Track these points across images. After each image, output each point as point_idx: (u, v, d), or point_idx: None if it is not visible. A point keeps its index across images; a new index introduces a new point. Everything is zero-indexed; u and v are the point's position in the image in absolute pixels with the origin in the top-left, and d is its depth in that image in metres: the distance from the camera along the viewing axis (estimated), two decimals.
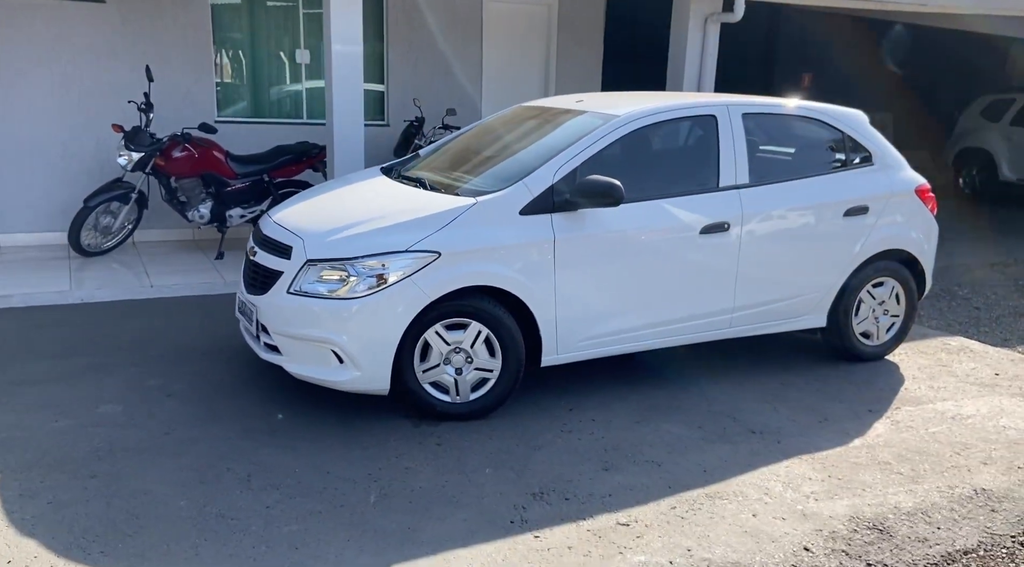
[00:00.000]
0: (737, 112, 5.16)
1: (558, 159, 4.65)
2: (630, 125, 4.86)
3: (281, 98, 8.88)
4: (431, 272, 4.25)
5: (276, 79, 8.83)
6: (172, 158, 7.31)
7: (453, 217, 4.39)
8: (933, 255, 5.82)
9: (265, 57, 8.72)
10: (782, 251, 5.18)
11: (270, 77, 8.80)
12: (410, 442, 4.23)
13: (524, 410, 4.68)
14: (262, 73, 8.74)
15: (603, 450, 4.24)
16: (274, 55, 8.75)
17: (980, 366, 5.70)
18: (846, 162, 5.48)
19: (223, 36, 8.47)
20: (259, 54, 8.70)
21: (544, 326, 4.59)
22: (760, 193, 5.11)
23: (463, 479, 3.86)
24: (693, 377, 5.29)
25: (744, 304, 5.17)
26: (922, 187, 5.66)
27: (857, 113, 5.64)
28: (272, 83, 8.83)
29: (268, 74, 8.79)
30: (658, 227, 4.81)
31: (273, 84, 8.83)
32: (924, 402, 5.02)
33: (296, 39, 8.74)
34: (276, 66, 8.78)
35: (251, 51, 8.68)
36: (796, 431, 4.55)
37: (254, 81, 8.75)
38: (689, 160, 5.18)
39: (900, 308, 5.72)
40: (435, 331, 4.38)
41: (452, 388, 4.48)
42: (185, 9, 8.11)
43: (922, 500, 3.85)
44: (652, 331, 4.94)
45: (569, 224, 4.56)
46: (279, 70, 8.78)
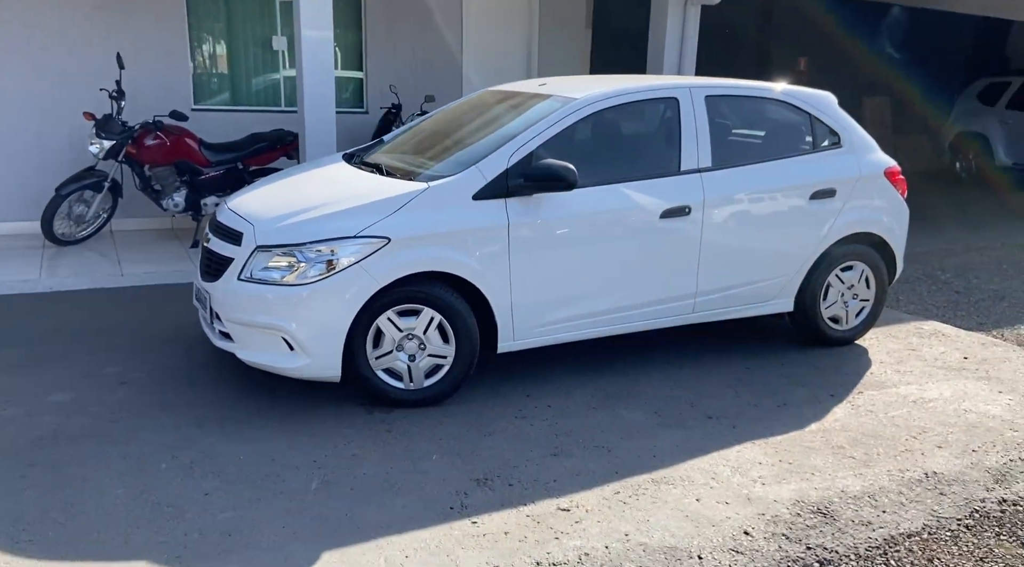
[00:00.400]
0: (700, 94, 5.10)
1: (513, 143, 4.60)
2: (588, 108, 4.81)
3: (258, 85, 8.84)
4: (381, 258, 4.21)
5: (253, 66, 8.79)
6: (144, 146, 7.29)
7: (404, 202, 4.35)
8: (904, 238, 5.76)
9: (242, 44, 8.68)
10: (746, 235, 5.13)
11: (247, 64, 8.76)
12: (360, 429, 4.20)
13: (480, 396, 4.65)
14: (239, 60, 8.70)
15: (555, 436, 4.20)
16: (251, 42, 8.71)
17: (949, 350, 5.65)
18: (814, 145, 5.42)
19: (199, 23, 8.42)
20: (235, 41, 8.65)
21: (499, 312, 4.55)
22: (723, 177, 5.06)
23: (409, 466, 3.84)
24: (658, 362, 5.25)
25: (708, 289, 5.12)
26: (891, 169, 5.59)
27: (826, 95, 5.57)
28: (249, 70, 8.79)
29: (245, 61, 8.74)
30: (617, 211, 4.76)
31: (250, 71, 8.79)
32: (888, 386, 4.98)
33: (272, 26, 8.68)
34: (253, 53, 8.73)
35: (227, 38, 8.63)
36: (754, 416, 4.51)
37: (231, 68, 8.70)
38: (650, 143, 5.12)
39: (870, 292, 5.67)
40: (387, 317, 4.35)
41: (405, 375, 4.45)
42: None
43: (871, 484, 3.81)
44: (612, 317, 4.90)
45: (525, 209, 4.52)
46: (256, 57, 8.74)
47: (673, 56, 8.27)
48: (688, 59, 8.31)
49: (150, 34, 8.08)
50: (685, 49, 8.28)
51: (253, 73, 8.79)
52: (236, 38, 8.64)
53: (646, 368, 5.17)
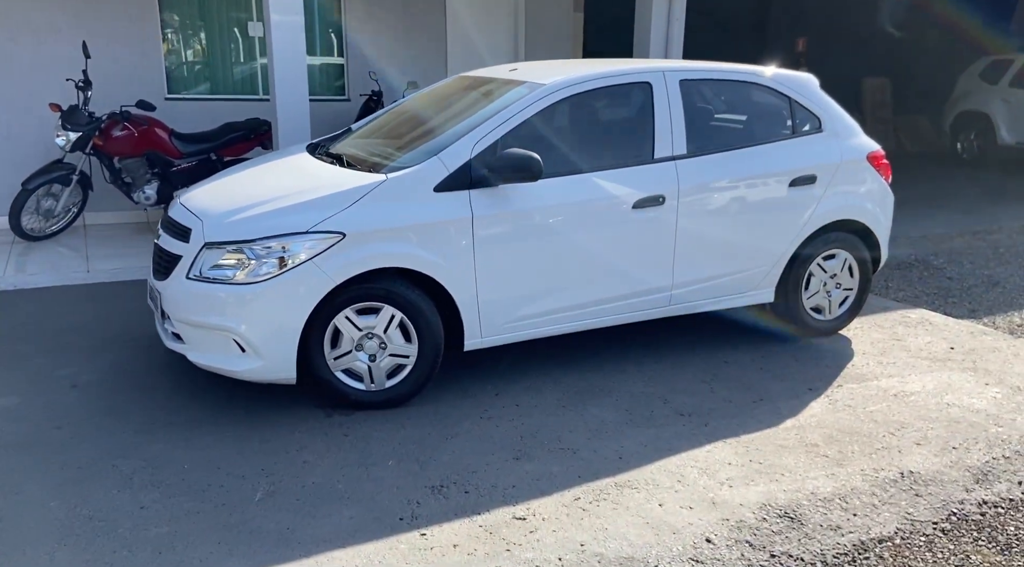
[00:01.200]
0: (674, 78, 4.90)
1: (477, 132, 4.42)
2: (556, 94, 4.62)
3: (235, 73, 8.65)
4: (335, 254, 4.04)
5: (229, 54, 8.59)
6: (112, 138, 7.12)
7: (361, 195, 4.17)
8: (888, 225, 5.56)
9: (217, 30, 8.48)
10: (723, 225, 4.94)
11: (223, 52, 8.57)
12: (316, 434, 4.04)
13: (446, 396, 4.49)
14: (214, 48, 8.51)
15: (519, 437, 4.04)
16: (226, 28, 8.51)
17: (936, 340, 5.46)
18: (794, 129, 5.22)
19: (171, 8, 8.23)
20: (211, 27, 8.46)
21: (464, 308, 4.38)
22: (698, 164, 4.86)
23: (362, 473, 3.68)
24: (633, 356, 5.08)
25: (684, 281, 4.94)
26: (874, 153, 5.39)
27: (807, 77, 5.36)
28: (226, 58, 8.59)
29: (221, 49, 8.55)
30: (587, 202, 4.57)
31: (226, 59, 8.60)
32: (868, 379, 4.79)
33: (249, 11, 8.48)
34: (229, 40, 8.54)
35: (202, 24, 8.44)
36: (727, 413, 4.33)
37: (206, 56, 8.51)
38: (622, 130, 4.92)
39: (853, 281, 5.48)
40: (345, 316, 4.18)
41: (366, 375, 4.29)
42: None
43: (842, 485, 3.63)
44: (585, 311, 4.73)
45: (490, 201, 4.34)
46: (232, 44, 8.54)
47: (659, 39, 8.05)
48: (675, 41, 8.09)
49: (120, 21, 7.89)
50: (672, 31, 8.05)
51: (230, 61, 8.60)
52: (211, 24, 8.44)
53: (622, 362, 4.99)
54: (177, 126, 7.90)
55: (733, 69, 5.13)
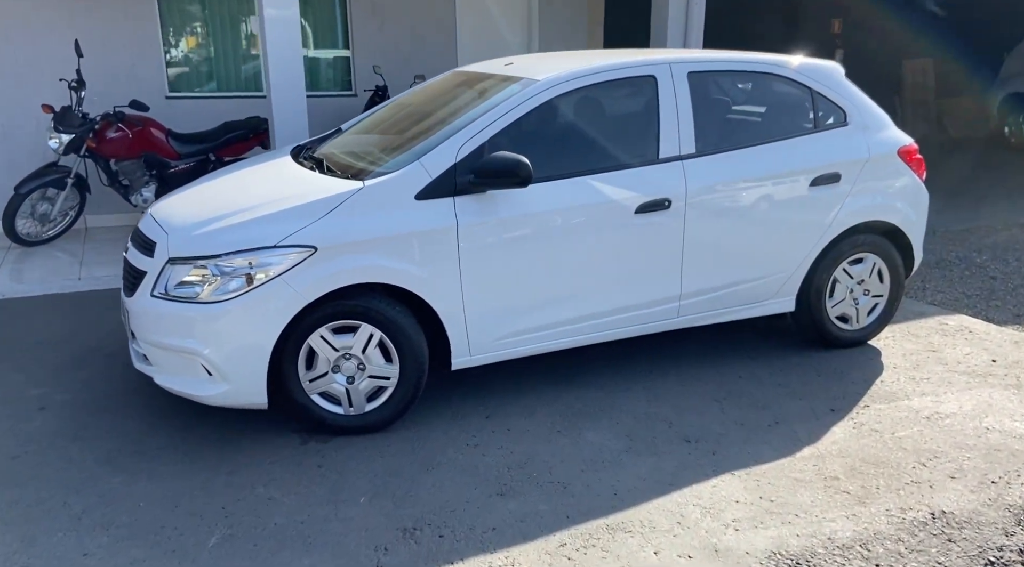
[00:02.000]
0: (682, 71, 4.51)
1: (462, 134, 4.07)
2: (550, 91, 4.25)
3: (238, 70, 8.36)
4: (306, 269, 3.72)
5: (232, 50, 8.31)
6: (106, 140, 6.88)
7: (335, 205, 3.85)
8: (923, 225, 5.11)
9: (219, 27, 8.21)
10: (736, 229, 4.55)
11: (225, 48, 8.29)
12: (288, 464, 3.74)
13: (434, 419, 4.17)
14: (216, 44, 8.23)
15: (507, 469, 3.70)
16: (228, 25, 8.23)
17: (976, 351, 5.01)
18: (816, 123, 4.79)
19: (171, 5, 7.96)
20: (212, 23, 8.18)
21: (450, 325, 4.05)
22: (708, 164, 4.47)
23: (330, 512, 3.36)
24: (640, 370, 4.71)
25: (694, 291, 4.55)
26: (906, 148, 4.94)
27: (830, 66, 4.92)
28: (228, 55, 8.32)
29: (223, 45, 8.27)
30: (584, 207, 4.20)
31: (228, 56, 8.32)
32: (899, 398, 4.37)
33: (251, 5, 8.19)
34: (231, 36, 8.25)
35: (203, 20, 8.16)
36: (739, 438, 3.95)
37: (208, 53, 8.24)
38: (624, 129, 4.53)
39: (884, 287, 5.05)
40: (320, 335, 3.87)
41: (344, 399, 3.98)
42: None
43: (864, 528, 3.24)
44: (584, 325, 4.37)
45: (477, 208, 3.99)
46: (234, 41, 8.26)
47: (678, 24, 7.61)
48: (695, 26, 7.64)
49: (118, 19, 7.64)
50: (692, 15, 7.60)
51: (232, 58, 8.32)
52: (212, 20, 8.17)
53: (626, 378, 4.63)
54: (178, 125, 7.67)
55: (748, 59, 4.71)
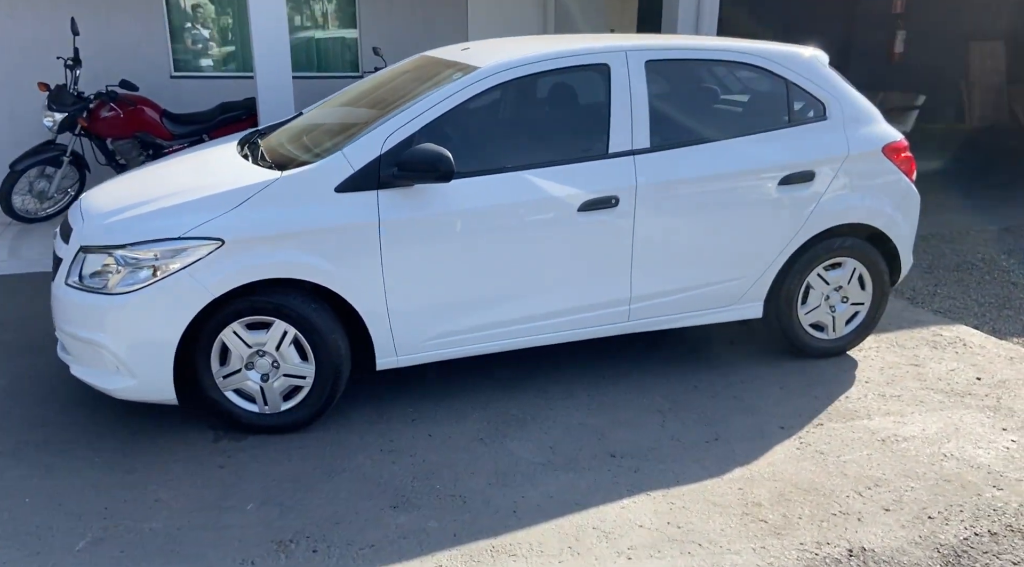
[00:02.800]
0: (639, 59, 4.22)
1: (391, 124, 3.88)
2: (489, 80, 4.01)
3: (243, 50, 8.29)
4: (212, 263, 3.59)
5: (237, 30, 8.23)
6: (99, 119, 6.88)
7: (248, 196, 3.70)
8: (912, 230, 4.73)
9: (224, 6, 8.13)
10: (693, 230, 4.26)
11: (233, 27, 8.21)
12: (191, 463, 3.63)
13: (358, 419, 4.02)
14: (221, 24, 8.16)
15: (412, 479, 3.52)
16: (234, 4, 8.15)
17: (963, 367, 4.63)
18: (790, 117, 4.45)
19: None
20: (218, 3, 8.12)
21: (373, 324, 3.88)
22: (662, 159, 4.18)
23: (212, 518, 3.23)
24: (589, 377, 4.48)
25: (645, 294, 4.29)
26: (893, 144, 4.56)
27: (810, 54, 4.56)
28: (234, 33, 8.24)
29: (228, 25, 8.20)
30: (521, 204, 3.97)
31: (236, 34, 8.24)
32: (858, 417, 4.05)
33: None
34: (237, 16, 8.17)
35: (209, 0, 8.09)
36: (669, 454, 3.70)
37: (213, 33, 8.18)
38: (572, 121, 4.27)
39: (865, 294, 4.69)
40: (232, 331, 3.74)
41: (259, 397, 3.85)
42: None
43: (770, 562, 2.98)
44: (524, 327, 4.15)
45: (403, 203, 3.80)
46: (240, 20, 8.18)
47: (689, 7, 7.22)
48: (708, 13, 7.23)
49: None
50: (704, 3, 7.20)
51: (237, 38, 8.25)
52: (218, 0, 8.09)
53: (573, 382, 4.40)
54: (182, 105, 7.64)
55: (715, 46, 4.39)
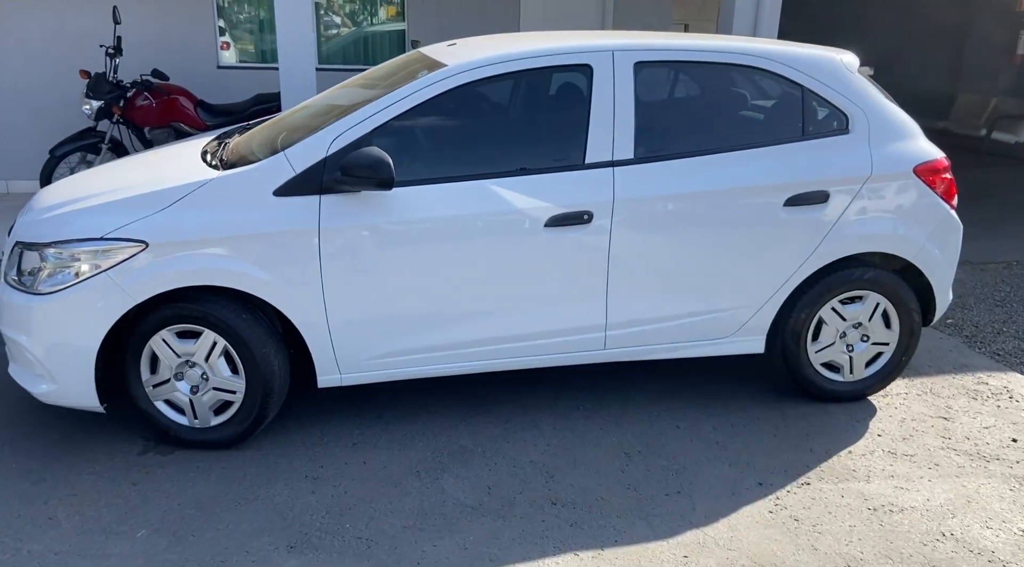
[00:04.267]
0: (627, 60, 3.78)
1: (341, 124, 3.59)
2: (455, 79, 3.67)
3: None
4: (136, 267, 3.38)
5: None
6: (135, 107, 6.86)
7: (178, 197, 3.47)
8: (949, 262, 4.12)
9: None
10: (679, 252, 3.80)
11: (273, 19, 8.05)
12: (105, 477, 3.44)
13: (300, 439, 3.76)
14: (266, 15, 8.05)
15: (324, 513, 3.22)
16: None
17: (1001, 425, 3.99)
18: (804, 129, 3.92)
19: None
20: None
21: (312, 338, 3.60)
22: (647, 172, 3.74)
23: (96, 545, 3.02)
24: (563, 407, 4.09)
25: (624, 320, 3.86)
26: (927, 164, 3.97)
27: (830, 57, 4.00)
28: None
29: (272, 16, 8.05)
30: (480, 216, 3.61)
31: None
32: (855, 478, 3.51)
33: None
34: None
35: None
36: (618, 506, 3.28)
37: (258, 25, 8.08)
38: (546, 127, 3.85)
39: (891, 334, 4.12)
40: (162, 338, 3.53)
41: (188, 409, 3.62)
42: None
43: None
44: (484, 350, 3.79)
45: (347, 210, 3.50)
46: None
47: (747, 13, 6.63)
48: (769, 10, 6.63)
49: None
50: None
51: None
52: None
53: (542, 412, 4.03)
54: (226, 96, 7.57)
55: (719, 47, 3.90)
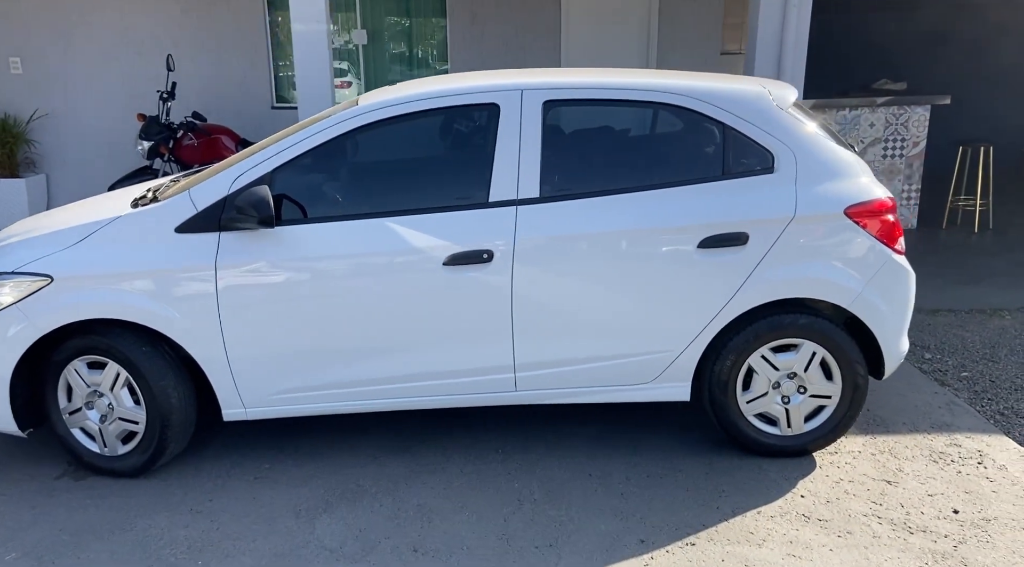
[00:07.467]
0: (536, 99, 3.72)
1: (246, 163, 3.70)
2: (362, 118, 3.73)
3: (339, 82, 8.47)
4: (42, 300, 3.59)
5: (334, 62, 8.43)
6: (182, 147, 7.29)
7: (87, 234, 3.68)
8: (900, 310, 3.78)
9: None
10: (586, 294, 3.67)
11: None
12: (11, 499, 3.67)
13: (207, 471, 3.90)
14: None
15: (185, 549, 3.29)
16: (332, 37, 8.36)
17: (950, 493, 3.61)
18: (724, 169, 3.72)
19: (277, 19, 8.24)
20: None
21: (213, 373, 3.70)
22: (552, 211, 3.65)
23: None
24: (485, 448, 4.03)
25: (532, 362, 3.75)
26: (860, 206, 3.67)
27: (758, 93, 3.78)
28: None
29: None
30: (378, 254, 3.62)
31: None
32: (749, 542, 3.25)
33: (353, 20, 8.24)
34: (334, 49, 8.37)
35: None
36: (479, 558, 3.18)
37: None
38: (451, 165, 3.84)
39: (833, 386, 3.81)
40: (74, 368, 3.73)
41: (98, 437, 3.79)
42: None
43: None
44: (390, 388, 3.78)
45: (244, 247, 3.60)
46: (336, 53, 8.37)
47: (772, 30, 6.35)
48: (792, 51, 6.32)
49: (231, 33, 8.07)
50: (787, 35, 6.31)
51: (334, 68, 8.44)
52: None
53: (456, 453, 3.98)
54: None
55: (635, 85, 3.76)
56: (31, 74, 8.32)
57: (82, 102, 8.27)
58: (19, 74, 8.37)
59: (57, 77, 8.30)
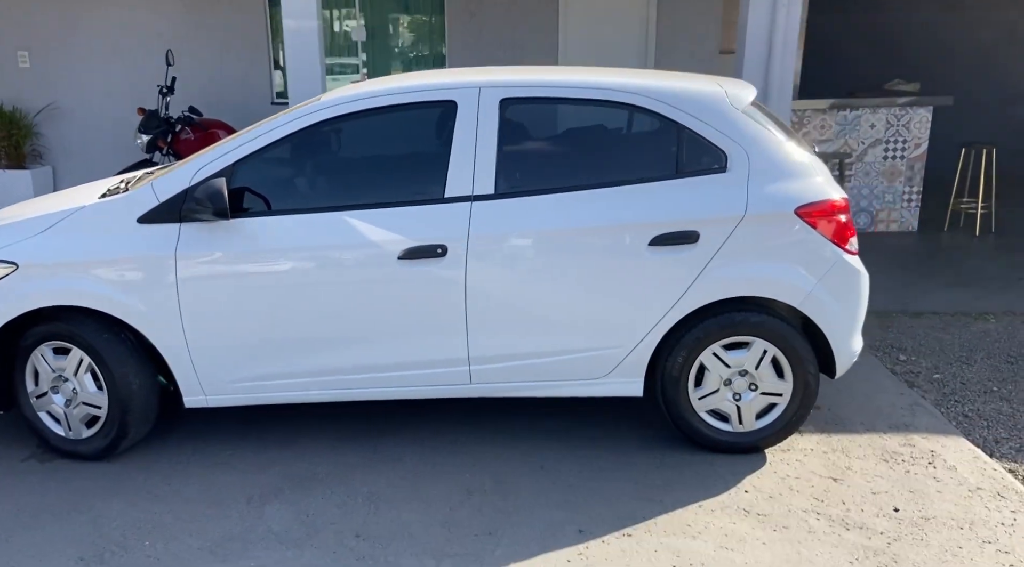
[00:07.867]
0: (493, 97, 3.78)
1: (208, 156, 3.80)
2: (322, 113, 3.81)
3: (337, 77, 8.56)
4: (6, 286, 3.71)
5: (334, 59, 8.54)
6: (179, 140, 7.42)
7: (53, 223, 3.79)
8: (848, 310, 3.80)
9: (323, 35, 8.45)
10: (539, 289, 3.72)
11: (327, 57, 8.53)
12: None
13: (168, 456, 4.00)
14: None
15: (133, 531, 3.39)
16: (328, 33, 8.45)
17: (894, 491, 3.62)
18: (677, 166, 3.76)
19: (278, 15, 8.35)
20: None
21: (173, 360, 3.80)
22: (506, 208, 3.71)
23: None
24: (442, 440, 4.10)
25: (487, 356, 3.82)
26: (811, 206, 3.69)
27: (713, 92, 3.81)
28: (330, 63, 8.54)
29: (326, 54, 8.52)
30: (332, 247, 3.70)
31: (331, 64, 8.54)
32: (684, 533, 3.29)
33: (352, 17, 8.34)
34: (334, 46, 8.47)
35: None
36: (418, 544, 3.26)
37: None
38: (409, 161, 3.90)
39: (784, 384, 3.84)
40: (40, 354, 3.84)
41: (63, 421, 3.91)
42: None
43: None
44: (347, 378, 3.86)
45: (203, 238, 3.70)
46: (336, 50, 8.47)
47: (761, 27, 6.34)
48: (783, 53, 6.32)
49: (233, 31, 8.19)
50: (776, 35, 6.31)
51: (333, 65, 8.54)
52: None
53: (413, 444, 4.05)
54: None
55: (591, 83, 3.81)
56: (38, 68, 8.51)
57: (88, 95, 8.44)
58: (27, 68, 8.56)
59: (64, 71, 8.48)
